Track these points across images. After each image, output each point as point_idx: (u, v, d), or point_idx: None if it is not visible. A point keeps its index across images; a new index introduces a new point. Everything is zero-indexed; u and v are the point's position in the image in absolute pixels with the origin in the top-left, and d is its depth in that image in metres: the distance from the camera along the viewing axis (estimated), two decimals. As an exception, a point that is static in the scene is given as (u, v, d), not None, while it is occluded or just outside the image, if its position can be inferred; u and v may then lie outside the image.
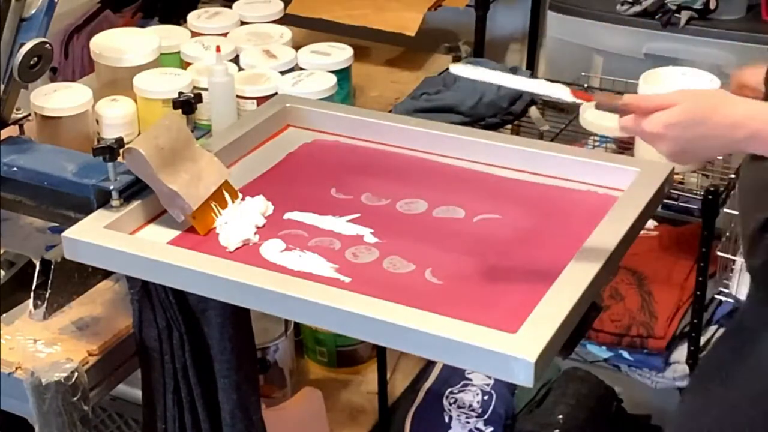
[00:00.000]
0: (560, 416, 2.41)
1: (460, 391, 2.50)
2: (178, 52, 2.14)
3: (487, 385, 2.50)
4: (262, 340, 2.37)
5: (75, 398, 1.46)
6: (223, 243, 1.52)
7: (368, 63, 2.45)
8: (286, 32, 2.23)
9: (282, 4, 2.35)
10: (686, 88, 1.40)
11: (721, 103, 1.33)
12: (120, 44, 2.05)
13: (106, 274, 1.63)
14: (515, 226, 1.54)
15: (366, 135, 1.77)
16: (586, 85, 2.43)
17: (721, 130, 1.32)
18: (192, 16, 2.27)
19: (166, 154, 1.52)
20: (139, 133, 1.95)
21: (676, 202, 2.05)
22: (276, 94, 1.97)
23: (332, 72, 2.07)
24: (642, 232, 1.56)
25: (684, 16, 2.47)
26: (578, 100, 1.39)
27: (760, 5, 2.49)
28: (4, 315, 1.57)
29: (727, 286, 2.21)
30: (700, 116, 1.31)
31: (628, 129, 1.35)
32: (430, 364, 2.62)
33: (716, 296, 2.25)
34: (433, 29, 2.71)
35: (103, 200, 1.53)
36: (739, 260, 2.14)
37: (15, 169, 1.62)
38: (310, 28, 2.50)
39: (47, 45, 1.63)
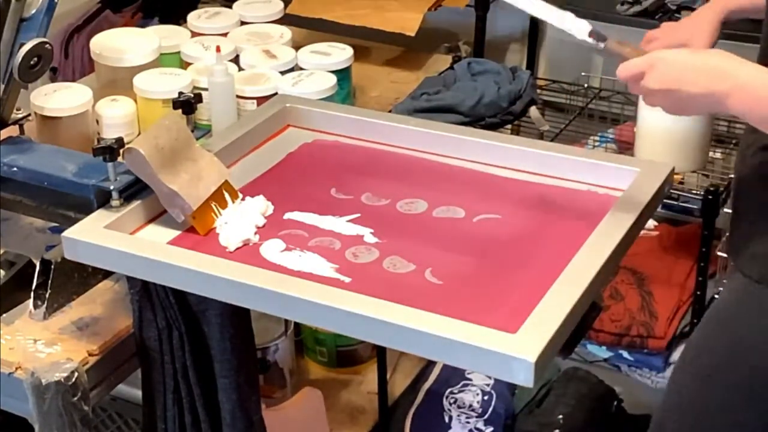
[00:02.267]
0: (560, 416, 2.42)
1: (460, 391, 2.50)
2: (178, 52, 2.14)
3: (487, 385, 2.50)
4: (262, 340, 2.37)
5: (75, 398, 1.46)
6: (223, 243, 1.52)
7: (368, 63, 2.45)
8: (286, 32, 2.23)
9: (282, 4, 2.35)
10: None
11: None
12: (120, 44, 2.05)
13: (106, 274, 1.63)
14: (515, 226, 1.54)
15: (366, 135, 1.77)
16: (586, 85, 2.44)
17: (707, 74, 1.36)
18: (192, 16, 2.27)
19: (166, 154, 1.52)
20: (139, 133, 1.95)
21: (676, 202, 2.05)
22: (276, 94, 1.97)
23: (332, 72, 2.07)
24: (642, 232, 1.56)
25: (684, 16, 2.47)
26: (589, 40, 1.44)
27: (760, 5, 2.48)
28: (4, 315, 1.57)
29: (727, 286, 2.21)
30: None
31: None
32: (430, 364, 2.62)
33: (716, 296, 2.25)
34: (433, 29, 2.71)
35: (103, 200, 1.53)
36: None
37: (15, 169, 1.62)
38: (310, 28, 2.50)
39: (47, 45, 1.63)
